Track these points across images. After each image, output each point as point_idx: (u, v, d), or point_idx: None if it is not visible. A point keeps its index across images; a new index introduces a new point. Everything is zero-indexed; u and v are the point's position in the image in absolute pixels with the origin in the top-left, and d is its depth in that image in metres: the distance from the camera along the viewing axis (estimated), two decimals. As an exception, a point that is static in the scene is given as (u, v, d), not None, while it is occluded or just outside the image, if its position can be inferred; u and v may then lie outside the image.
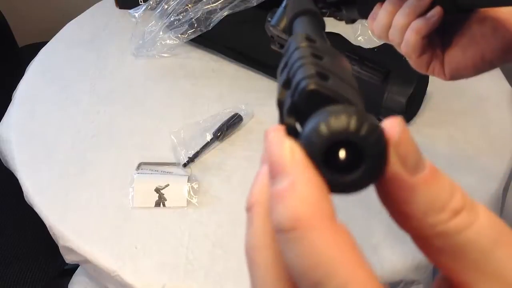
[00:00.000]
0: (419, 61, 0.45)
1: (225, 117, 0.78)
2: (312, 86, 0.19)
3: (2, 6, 1.33)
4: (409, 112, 0.78)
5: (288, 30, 0.34)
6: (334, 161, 0.18)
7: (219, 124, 0.77)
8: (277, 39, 0.47)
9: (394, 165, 0.18)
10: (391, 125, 0.18)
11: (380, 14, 0.44)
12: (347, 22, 0.50)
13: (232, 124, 0.78)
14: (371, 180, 0.19)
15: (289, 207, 0.16)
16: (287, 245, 0.16)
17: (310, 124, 0.18)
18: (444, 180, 0.19)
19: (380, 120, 0.18)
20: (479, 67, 0.43)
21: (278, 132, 0.19)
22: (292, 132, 0.20)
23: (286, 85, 0.22)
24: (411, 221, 0.19)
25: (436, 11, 0.40)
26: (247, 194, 0.19)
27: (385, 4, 0.44)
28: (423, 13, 0.41)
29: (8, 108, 0.88)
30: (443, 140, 0.77)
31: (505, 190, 0.74)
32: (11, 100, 0.89)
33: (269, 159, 0.18)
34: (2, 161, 0.84)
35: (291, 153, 0.18)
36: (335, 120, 0.17)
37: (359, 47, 0.77)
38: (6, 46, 1.33)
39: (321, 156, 0.18)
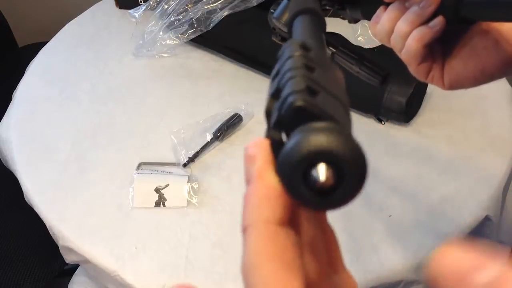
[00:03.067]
0: (418, 68, 0.45)
1: (225, 117, 0.78)
2: (299, 103, 0.20)
3: (2, 6, 1.33)
4: (409, 112, 0.78)
5: (289, 28, 0.34)
6: (314, 178, 0.18)
7: (219, 124, 0.77)
8: (279, 31, 0.47)
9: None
10: (432, 261, 0.17)
11: (383, 19, 0.44)
12: (350, 22, 0.50)
13: (232, 124, 0.78)
14: (349, 200, 0.18)
15: (243, 213, 0.19)
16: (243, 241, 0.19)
17: (291, 141, 0.18)
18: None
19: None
20: (479, 79, 0.43)
21: (253, 149, 0.21)
22: (277, 145, 0.21)
23: (275, 95, 0.22)
24: None
25: (439, 20, 0.40)
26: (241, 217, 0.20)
27: (389, 10, 0.43)
28: (426, 22, 0.41)
29: (8, 108, 0.88)
30: (443, 140, 0.77)
31: (505, 190, 0.74)
32: (11, 100, 0.89)
33: (246, 168, 0.21)
34: (2, 161, 0.84)
35: (256, 168, 0.20)
36: (315, 138, 0.18)
37: (359, 47, 0.77)
38: (6, 46, 1.33)
39: (299, 173, 0.18)
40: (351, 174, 0.18)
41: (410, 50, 0.43)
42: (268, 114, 0.22)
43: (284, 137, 0.21)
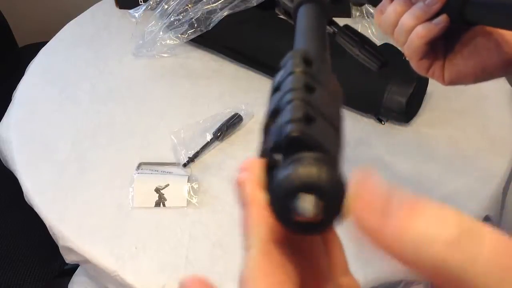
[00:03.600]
0: (420, 63, 0.45)
1: (225, 117, 0.78)
2: (295, 133, 0.21)
3: (2, 6, 1.33)
4: (409, 112, 0.78)
5: (294, 15, 0.34)
6: (301, 209, 0.20)
7: (219, 124, 0.77)
8: (283, 5, 0.47)
9: (362, 214, 0.19)
10: (358, 177, 0.19)
11: (389, 10, 0.44)
12: (354, 4, 0.50)
13: (232, 124, 0.78)
14: (330, 225, 0.21)
15: (244, 235, 0.21)
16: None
17: (281, 173, 0.20)
18: (429, 211, 0.18)
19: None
20: (479, 77, 0.43)
21: (243, 174, 0.23)
22: (271, 165, 0.22)
23: (273, 115, 0.24)
24: (409, 261, 0.18)
25: (443, 18, 0.40)
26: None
27: (395, 2, 0.44)
28: (430, 19, 0.41)
29: (8, 108, 0.88)
30: (443, 140, 0.77)
31: (505, 190, 0.73)
32: (11, 100, 0.89)
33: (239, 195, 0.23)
34: (2, 161, 0.84)
35: (248, 192, 0.22)
36: (303, 170, 0.20)
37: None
38: (6, 46, 1.33)
39: (287, 204, 0.20)
40: (332, 205, 0.20)
41: (413, 45, 0.43)
42: (265, 130, 0.24)
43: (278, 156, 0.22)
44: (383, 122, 0.80)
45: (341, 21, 0.52)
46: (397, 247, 0.18)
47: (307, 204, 0.19)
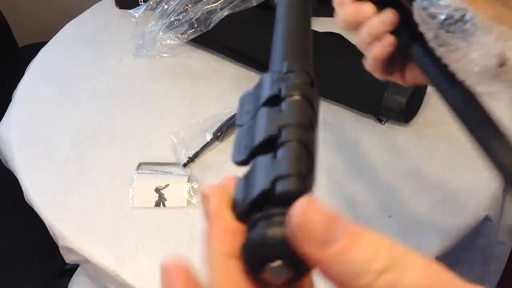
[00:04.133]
0: (381, 76, 0.46)
1: (225, 117, 0.78)
2: (291, 195, 0.20)
3: (2, 6, 1.33)
4: (409, 112, 0.78)
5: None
6: (272, 271, 0.20)
7: (219, 124, 0.77)
8: None
9: (304, 245, 0.19)
10: (301, 207, 0.19)
11: (348, 9, 0.44)
12: None
13: (232, 124, 0.78)
14: (297, 280, 0.20)
15: (205, 248, 0.22)
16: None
17: (255, 233, 0.20)
18: (366, 241, 0.19)
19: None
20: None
21: (207, 189, 0.23)
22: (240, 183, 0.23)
23: (262, 147, 0.23)
24: None
25: (389, 40, 0.41)
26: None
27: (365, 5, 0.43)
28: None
29: (8, 108, 0.88)
30: (443, 140, 0.77)
31: (505, 190, 0.73)
32: (11, 100, 0.89)
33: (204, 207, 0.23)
34: (2, 161, 0.84)
35: (211, 207, 0.23)
36: (274, 237, 0.19)
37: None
38: (6, 46, 1.34)
39: (259, 263, 0.20)
40: (301, 268, 0.20)
41: (370, 64, 0.45)
42: (242, 163, 0.24)
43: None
44: (383, 122, 0.80)
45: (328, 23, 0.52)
46: (334, 275, 0.19)
47: (278, 271, 0.19)
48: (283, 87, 0.24)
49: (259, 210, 0.20)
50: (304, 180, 0.21)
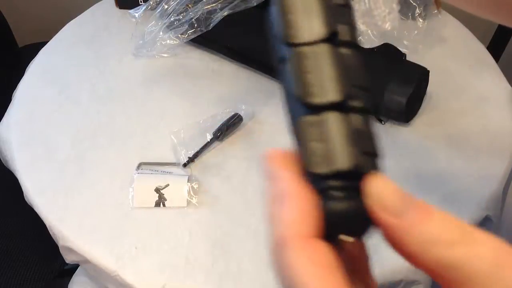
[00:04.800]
0: None
1: (225, 117, 0.78)
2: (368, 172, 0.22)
3: (2, 6, 1.33)
4: (409, 112, 0.78)
5: None
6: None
7: (219, 124, 0.77)
8: None
9: (380, 213, 0.20)
10: (373, 183, 0.21)
11: None
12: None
13: (232, 124, 0.78)
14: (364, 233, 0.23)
15: (278, 228, 0.20)
16: (275, 258, 0.20)
17: (339, 203, 0.21)
18: (438, 217, 0.20)
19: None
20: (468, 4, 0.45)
21: (275, 166, 0.22)
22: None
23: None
24: (416, 259, 0.20)
25: None
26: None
27: None
28: None
29: (8, 108, 0.88)
30: (443, 140, 0.77)
31: (505, 190, 0.74)
32: (11, 100, 0.89)
33: (273, 185, 0.22)
34: (2, 161, 0.84)
35: (286, 185, 0.21)
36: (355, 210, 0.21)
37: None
38: (6, 46, 1.33)
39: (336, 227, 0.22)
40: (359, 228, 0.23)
41: None
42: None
43: None
44: (383, 122, 0.80)
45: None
46: (405, 245, 0.20)
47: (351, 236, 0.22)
48: None
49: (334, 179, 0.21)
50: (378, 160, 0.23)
